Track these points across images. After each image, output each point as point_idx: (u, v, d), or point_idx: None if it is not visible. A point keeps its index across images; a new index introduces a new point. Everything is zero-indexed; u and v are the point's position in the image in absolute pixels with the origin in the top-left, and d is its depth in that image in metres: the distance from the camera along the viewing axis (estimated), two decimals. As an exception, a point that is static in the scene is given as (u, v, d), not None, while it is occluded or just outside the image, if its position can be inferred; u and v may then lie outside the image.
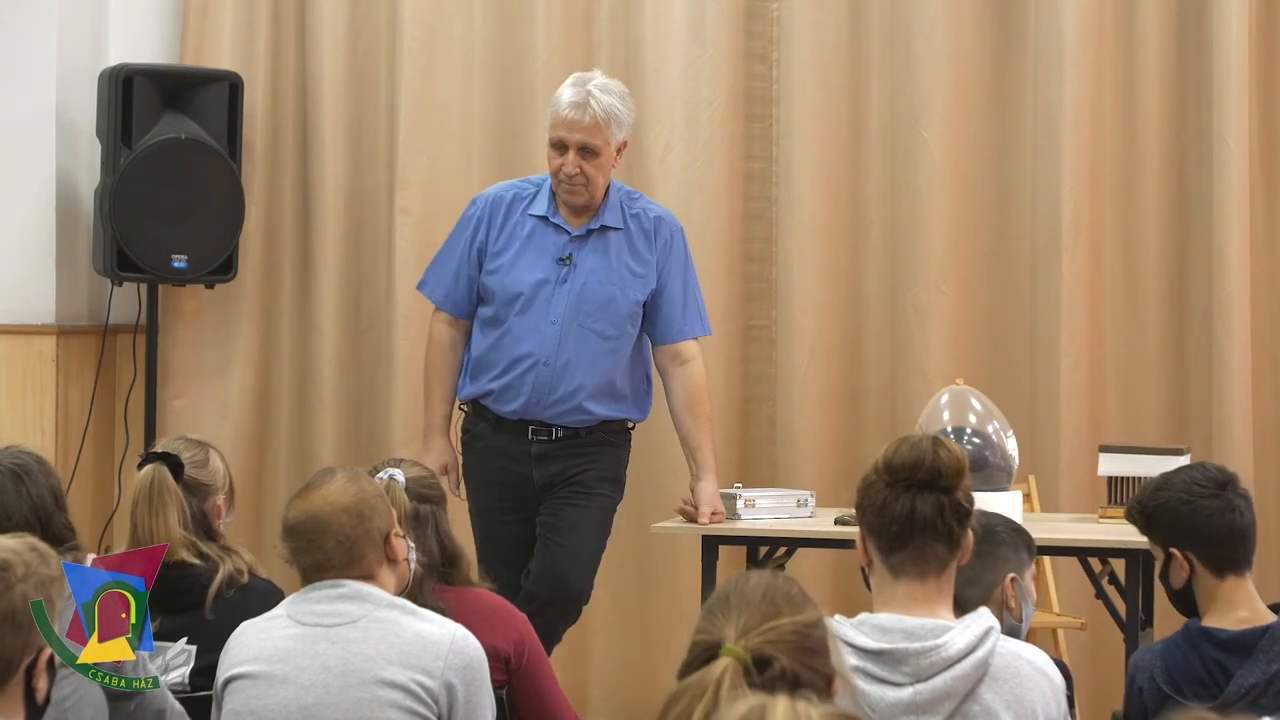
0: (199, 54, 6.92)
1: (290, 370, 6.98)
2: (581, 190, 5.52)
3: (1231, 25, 6.40)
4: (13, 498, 3.85)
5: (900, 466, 3.24)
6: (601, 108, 5.49)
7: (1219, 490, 3.82)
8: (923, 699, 3.17)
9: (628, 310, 5.59)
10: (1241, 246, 6.40)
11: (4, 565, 2.80)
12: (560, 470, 5.57)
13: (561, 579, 5.50)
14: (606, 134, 5.51)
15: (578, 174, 5.49)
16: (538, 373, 5.54)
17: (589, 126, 5.48)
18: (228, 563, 4.17)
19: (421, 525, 4.08)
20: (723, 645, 2.41)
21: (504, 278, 5.59)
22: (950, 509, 3.24)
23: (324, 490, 3.67)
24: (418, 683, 3.59)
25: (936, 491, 3.24)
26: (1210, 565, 3.80)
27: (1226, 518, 3.80)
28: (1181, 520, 3.81)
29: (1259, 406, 6.46)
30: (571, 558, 5.53)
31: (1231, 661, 3.72)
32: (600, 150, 5.50)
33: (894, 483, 3.24)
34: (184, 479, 4.20)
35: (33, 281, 6.73)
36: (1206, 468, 3.89)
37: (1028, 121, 6.60)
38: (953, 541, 3.26)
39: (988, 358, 6.63)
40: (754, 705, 2.05)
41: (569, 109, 5.50)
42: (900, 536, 3.24)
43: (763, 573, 2.63)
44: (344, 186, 6.94)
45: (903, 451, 3.25)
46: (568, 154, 5.49)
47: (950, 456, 3.25)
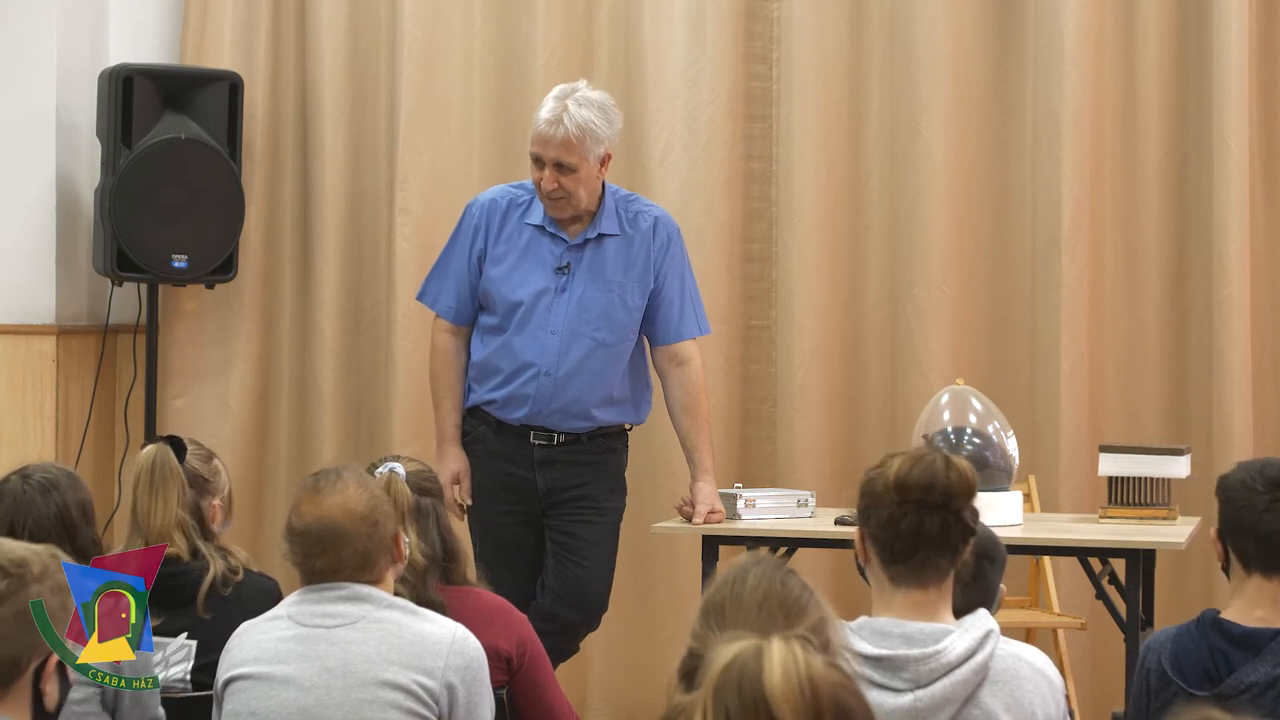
0: (199, 54, 6.92)
1: (290, 370, 6.98)
2: (564, 205, 5.52)
3: (1231, 25, 6.39)
4: (40, 510, 3.88)
5: (913, 487, 3.22)
6: (575, 124, 5.44)
7: (1268, 488, 3.79)
8: (923, 705, 3.16)
9: (627, 316, 5.59)
10: (1241, 246, 6.40)
11: (21, 562, 2.80)
12: (563, 478, 5.58)
13: (588, 600, 5.58)
14: (581, 150, 5.46)
15: (556, 188, 5.48)
16: (540, 383, 5.55)
17: (561, 143, 5.45)
18: (219, 560, 4.17)
19: (424, 518, 4.09)
20: None
21: (502, 287, 5.59)
22: (956, 528, 3.24)
23: (337, 497, 3.65)
24: (418, 683, 3.60)
25: (945, 512, 3.23)
26: (1240, 558, 3.79)
27: (1262, 517, 3.77)
28: (1226, 506, 3.81)
29: (1259, 406, 6.45)
30: (595, 578, 5.59)
31: (1238, 656, 3.72)
32: (577, 166, 5.47)
33: (904, 501, 3.23)
34: (186, 466, 4.22)
35: (33, 281, 6.73)
36: (1273, 465, 3.83)
37: (1028, 121, 6.60)
38: (955, 556, 3.26)
39: (988, 358, 6.63)
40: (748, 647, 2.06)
41: (544, 125, 5.47)
42: (905, 553, 3.23)
43: (762, 569, 2.59)
44: (344, 186, 6.94)
45: (915, 473, 3.23)
46: (545, 169, 5.49)
47: (961, 479, 3.23)
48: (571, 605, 5.55)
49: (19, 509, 3.86)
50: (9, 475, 3.95)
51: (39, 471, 3.96)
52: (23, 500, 3.87)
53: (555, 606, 5.50)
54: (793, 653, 2.06)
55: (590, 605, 5.59)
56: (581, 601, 5.57)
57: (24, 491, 3.90)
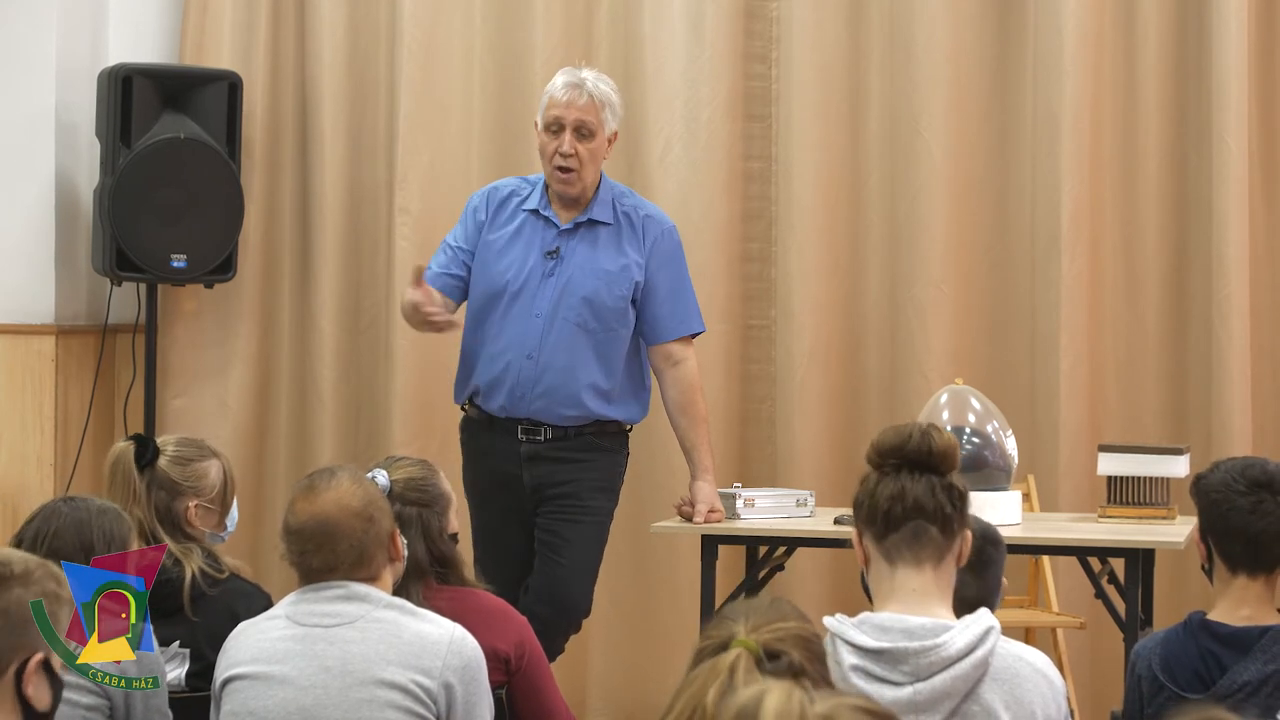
0: (199, 54, 6.93)
1: (290, 370, 6.98)
2: (575, 179, 5.52)
3: (1231, 25, 6.39)
4: (97, 528, 3.82)
5: (888, 447, 3.25)
6: (597, 91, 5.54)
7: (1252, 490, 3.79)
8: (922, 698, 3.17)
9: (613, 305, 5.58)
10: (1241, 246, 6.40)
11: (2, 562, 2.79)
12: (549, 474, 5.56)
13: (564, 598, 5.54)
14: (601, 116, 5.53)
15: (572, 155, 5.49)
16: (521, 365, 5.54)
17: (585, 105, 5.52)
18: (196, 559, 4.15)
19: (406, 528, 4.06)
20: (734, 639, 2.42)
21: (491, 269, 5.59)
22: (942, 489, 3.24)
23: (332, 493, 3.66)
24: (416, 683, 3.60)
25: (928, 472, 3.24)
26: (1224, 559, 3.79)
27: (1247, 519, 3.77)
28: (1208, 508, 3.80)
29: (1259, 406, 6.46)
30: (572, 577, 5.55)
31: (1228, 656, 3.72)
32: (595, 132, 5.52)
33: (883, 464, 3.25)
34: (155, 468, 4.22)
35: (32, 281, 6.73)
36: (1255, 465, 3.83)
37: (1028, 121, 6.60)
38: (947, 525, 3.24)
39: (987, 357, 6.63)
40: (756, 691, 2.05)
41: (565, 90, 5.53)
42: (891, 517, 3.23)
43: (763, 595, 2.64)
44: (344, 186, 6.94)
45: (889, 434, 3.27)
46: (563, 134, 5.50)
47: (940, 436, 3.26)
48: (548, 604, 5.49)
49: (82, 525, 3.80)
50: (53, 503, 3.89)
51: (82, 500, 3.90)
52: (84, 518, 3.81)
53: (533, 604, 5.45)
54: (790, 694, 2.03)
55: (567, 605, 5.54)
56: (557, 600, 5.52)
57: (79, 511, 3.83)
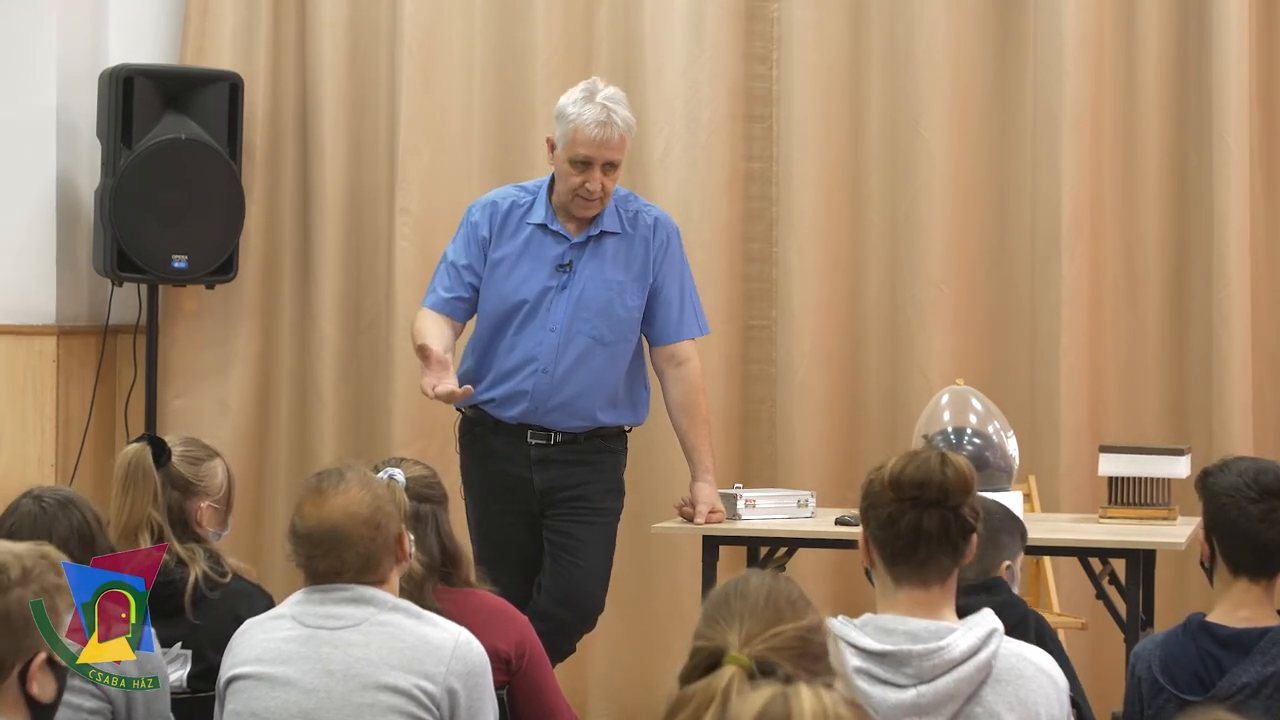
0: (199, 54, 6.93)
1: (290, 370, 6.98)
2: (599, 205, 5.52)
3: (1231, 25, 6.39)
4: (63, 525, 3.86)
5: (908, 484, 3.24)
6: (625, 123, 5.48)
7: (1263, 497, 3.78)
8: (925, 701, 3.17)
9: (626, 315, 5.58)
10: (1241, 246, 6.40)
11: (1, 567, 2.79)
12: (560, 478, 5.57)
13: (582, 600, 5.57)
14: (627, 146, 5.54)
15: (599, 189, 5.48)
16: (537, 379, 5.54)
17: (617, 144, 5.48)
18: (201, 562, 4.16)
19: (422, 525, 4.07)
20: (726, 653, 2.41)
21: (503, 285, 5.57)
22: (956, 525, 3.25)
23: (340, 499, 3.64)
24: (420, 688, 3.59)
25: (943, 509, 3.24)
26: (1229, 562, 3.79)
27: (1257, 527, 3.76)
28: (1216, 510, 3.80)
29: (1259, 407, 6.45)
30: (590, 578, 5.58)
31: (1227, 658, 3.72)
32: (620, 162, 5.53)
33: (900, 499, 3.24)
34: (168, 468, 4.22)
35: (33, 282, 6.73)
36: (1268, 471, 3.81)
37: (1028, 121, 6.60)
38: (957, 553, 3.26)
39: (988, 358, 6.63)
40: (775, 693, 2.04)
41: (595, 128, 5.43)
42: (905, 551, 3.24)
43: (763, 574, 2.62)
44: (344, 186, 6.94)
45: (910, 470, 3.25)
46: (591, 170, 5.45)
47: (957, 474, 3.25)
48: (565, 605, 5.54)
49: (40, 527, 3.85)
50: (19, 500, 3.94)
51: (48, 493, 3.95)
52: (43, 519, 3.86)
53: (550, 606, 5.49)
54: (821, 699, 2.04)
55: (584, 605, 5.58)
56: (575, 601, 5.56)
57: (42, 510, 3.88)
